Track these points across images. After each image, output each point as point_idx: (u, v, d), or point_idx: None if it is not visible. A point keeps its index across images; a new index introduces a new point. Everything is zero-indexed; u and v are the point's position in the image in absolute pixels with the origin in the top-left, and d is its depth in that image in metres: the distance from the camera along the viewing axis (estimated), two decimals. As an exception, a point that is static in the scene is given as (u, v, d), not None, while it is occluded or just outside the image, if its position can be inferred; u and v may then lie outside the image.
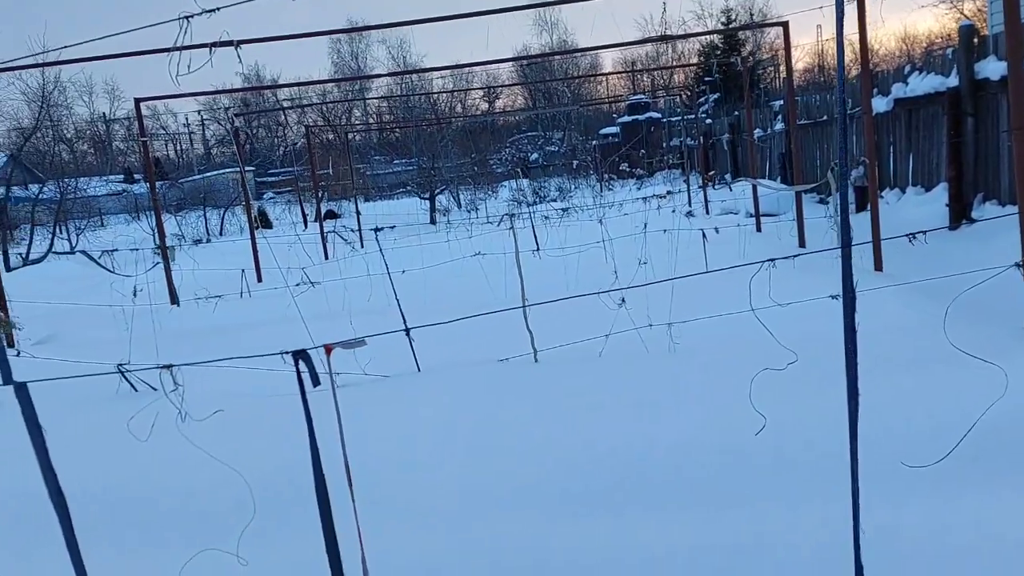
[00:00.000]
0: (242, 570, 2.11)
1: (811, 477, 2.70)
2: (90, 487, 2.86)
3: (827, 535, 2.24)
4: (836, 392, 2.71)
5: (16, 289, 9.86)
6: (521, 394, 4.52)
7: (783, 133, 15.97)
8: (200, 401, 2.84)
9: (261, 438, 3.38)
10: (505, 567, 2.49)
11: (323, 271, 10.18)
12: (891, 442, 2.80)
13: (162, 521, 2.69)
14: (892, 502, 2.38)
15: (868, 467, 2.28)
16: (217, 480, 2.39)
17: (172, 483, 2.90)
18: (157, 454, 2.73)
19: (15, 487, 2.39)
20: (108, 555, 2.28)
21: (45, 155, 25.66)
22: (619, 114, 37.87)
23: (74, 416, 3.82)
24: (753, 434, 3.14)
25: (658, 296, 5.62)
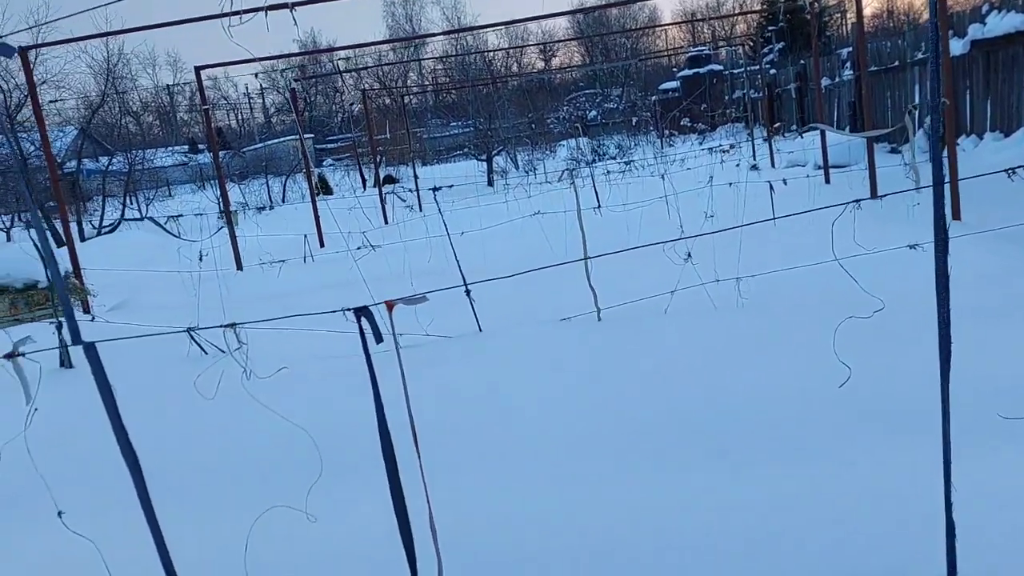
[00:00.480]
0: (311, 526, 2.12)
1: (897, 430, 2.58)
2: (161, 446, 2.91)
3: (915, 489, 2.14)
4: (920, 343, 2.58)
5: (90, 258, 10.14)
6: (584, 353, 4.46)
7: (851, 82, 15.40)
8: (265, 362, 2.84)
9: (326, 397, 3.39)
10: (571, 522, 2.45)
11: (383, 235, 10.23)
12: (981, 394, 2.67)
13: (231, 479, 2.72)
14: (985, 456, 2.27)
15: (958, 420, 2.17)
16: (283, 438, 2.40)
17: (240, 442, 2.94)
18: (224, 413, 2.76)
19: (91, 448, 2.43)
20: (180, 512, 2.31)
21: (113, 127, 26.26)
22: (679, 68, 37.06)
23: (146, 377, 3.90)
24: (824, 386, 3.03)
25: (724, 250, 5.47)
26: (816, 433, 2.76)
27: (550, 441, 3.23)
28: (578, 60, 54.16)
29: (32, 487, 2.11)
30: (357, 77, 43.52)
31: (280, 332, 3.15)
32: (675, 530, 2.37)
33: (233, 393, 2.18)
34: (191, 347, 4.51)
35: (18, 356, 1.86)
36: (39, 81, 17.43)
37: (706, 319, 4.67)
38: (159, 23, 6.88)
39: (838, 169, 12.02)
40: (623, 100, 38.38)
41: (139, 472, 1.81)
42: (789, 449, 2.70)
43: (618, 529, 2.40)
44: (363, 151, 29.75)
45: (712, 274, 4.95)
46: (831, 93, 17.55)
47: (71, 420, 3.01)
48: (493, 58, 43.32)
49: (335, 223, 11.43)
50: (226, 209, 8.73)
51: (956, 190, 6.73)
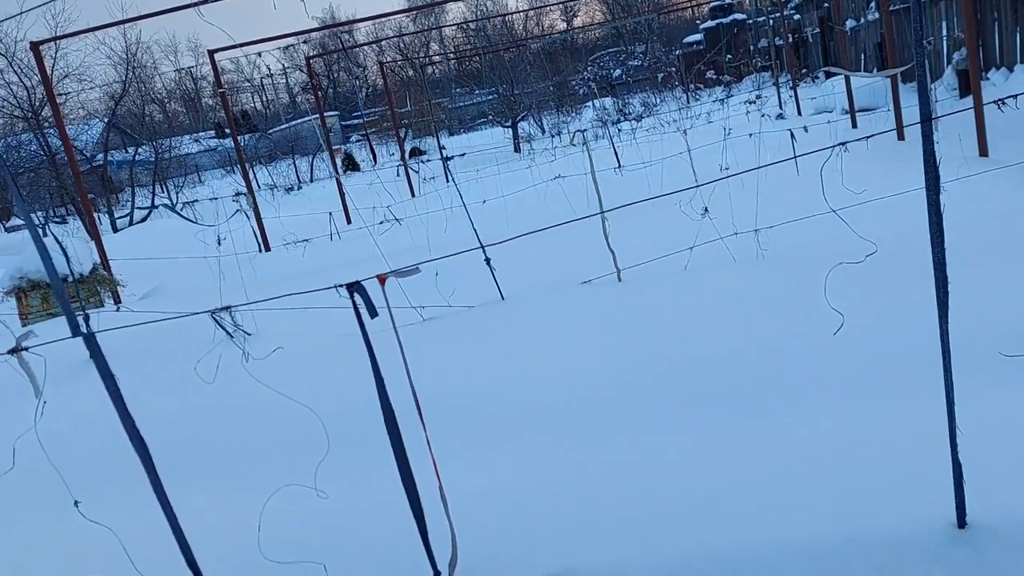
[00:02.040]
0: (323, 503, 2.15)
1: (907, 374, 2.55)
2: (176, 430, 2.97)
3: (923, 430, 2.11)
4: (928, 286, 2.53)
5: (123, 248, 10.31)
6: (606, 315, 4.44)
7: (877, 23, 15.00)
8: (271, 343, 2.89)
9: (334, 374, 3.42)
10: (594, 480, 2.46)
11: (408, 208, 10.24)
12: (991, 331, 2.61)
13: (243, 459, 2.77)
14: (989, 394, 2.23)
15: (965, 358, 2.13)
16: (293, 418, 2.42)
17: (250, 423, 2.98)
18: (235, 395, 2.80)
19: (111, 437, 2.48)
20: (195, 495, 2.36)
21: (139, 117, 26.55)
22: (702, 19, 36.36)
23: (170, 362, 3.96)
24: (841, 335, 2.99)
25: (743, 203, 5.39)
26: (831, 383, 2.73)
27: (570, 408, 3.24)
28: (600, 19, 53.37)
29: (52, 478, 2.17)
30: (379, 52, 43.42)
31: (287, 313, 3.18)
32: (695, 484, 2.37)
33: (243, 375, 2.21)
34: (216, 331, 4.57)
35: (22, 351, 1.90)
36: (61, 76, 17.68)
37: (726, 273, 4.62)
38: (171, 8, 6.91)
39: (865, 113, 11.77)
40: (647, 57, 37.81)
41: (149, 458, 1.85)
42: (801, 399, 2.68)
43: (644, 485, 2.40)
44: (388, 125, 29.72)
45: (731, 227, 4.89)
46: (856, 35, 17.12)
47: (94, 410, 3.08)
48: (514, 22, 42.86)
49: (360, 199, 11.49)
50: (250, 191, 8.81)
51: (982, 126, 6.54)
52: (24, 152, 16.54)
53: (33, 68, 15.42)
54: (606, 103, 28.14)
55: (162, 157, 20.03)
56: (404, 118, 27.49)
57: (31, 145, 16.34)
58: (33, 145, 16.31)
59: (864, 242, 4.25)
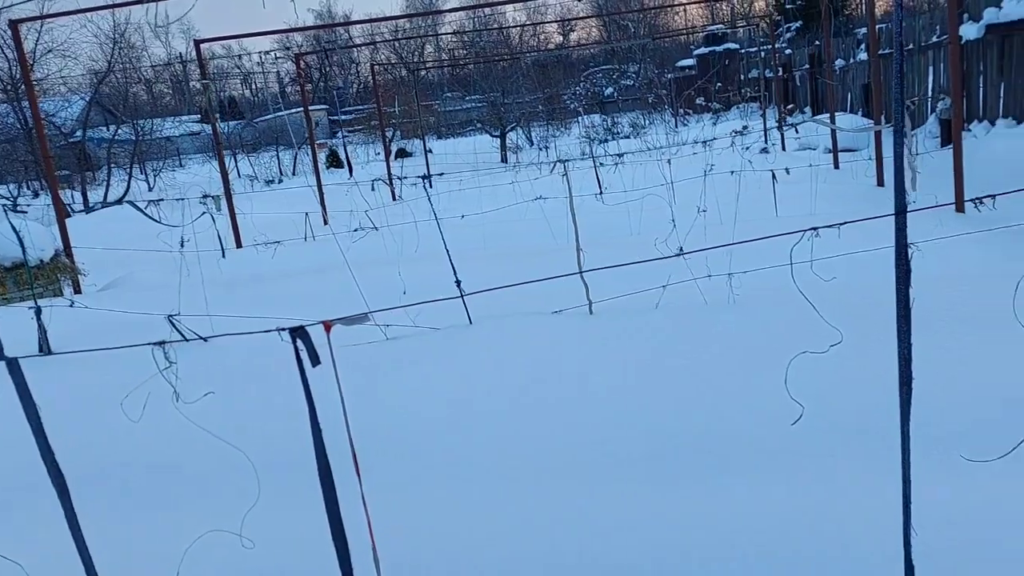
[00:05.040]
0: (247, 552, 2.05)
1: (866, 454, 2.50)
2: (98, 459, 2.85)
3: (878, 512, 2.06)
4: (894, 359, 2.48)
5: (90, 232, 10.11)
6: (575, 348, 4.38)
7: (866, 64, 15.13)
8: (201, 373, 2.79)
9: (276, 410, 3.32)
10: (541, 539, 2.38)
11: (388, 213, 10.13)
12: (953, 415, 2.57)
13: (165, 499, 2.66)
14: (950, 481, 2.18)
15: (928, 442, 2.08)
16: (220, 458, 2.33)
17: (176, 459, 2.87)
18: (162, 429, 2.70)
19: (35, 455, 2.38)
20: (114, 535, 2.26)
21: (123, 96, 26.20)
22: (696, 45, 36.57)
23: (112, 371, 3.83)
24: (804, 397, 2.94)
25: (717, 242, 5.36)
26: (786, 454, 2.67)
27: (528, 447, 3.17)
28: (595, 36, 53.60)
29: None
30: (374, 49, 43.28)
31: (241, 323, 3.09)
32: (640, 548, 2.30)
33: (175, 408, 2.11)
34: (171, 333, 4.45)
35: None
36: (44, 51, 17.39)
37: (697, 315, 4.58)
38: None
39: (848, 153, 11.84)
40: (640, 77, 37.96)
41: (66, 493, 1.75)
42: (758, 465, 2.62)
43: (593, 544, 2.33)
44: (376, 124, 29.56)
45: (704, 268, 4.85)
46: (845, 74, 17.27)
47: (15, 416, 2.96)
48: (510, 33, 42.88)
49: (341, 200, 11.37)
50: (225, 186, 8.66)
51: (961, 183, 6.57)
52: (0, 124, 16.26)
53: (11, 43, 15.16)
54: (595, 120, 28.19)
55: (143, 138, 19.75)
56: (392, 118, 27.35)
57: (8, 117, 16.05)
58: (11, 117, 16.02)
59: (836, 298, 4.23)
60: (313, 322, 1.74)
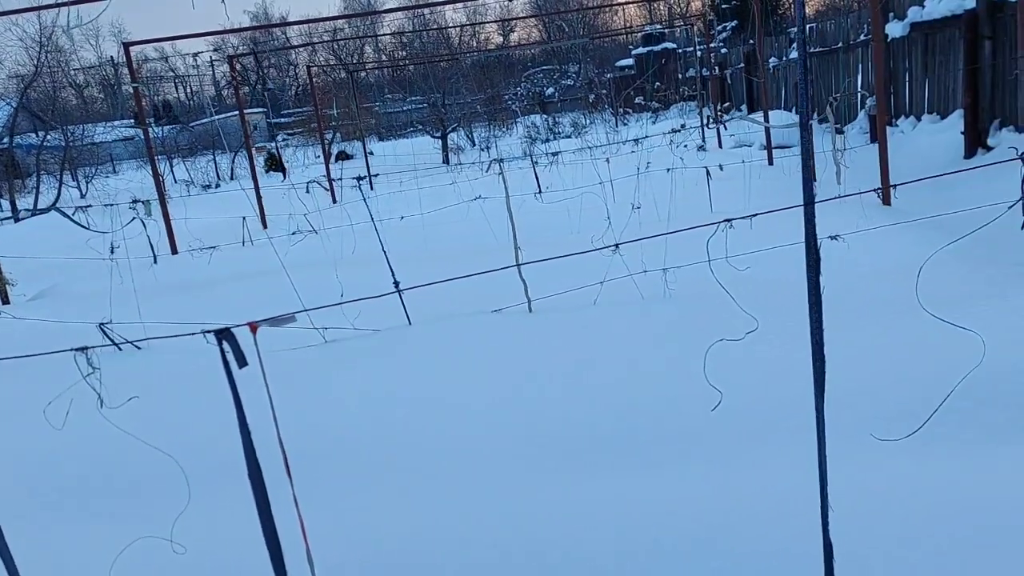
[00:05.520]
0: (178, 558, 2.03)
1: (783, 440, 2.58)
2: (21, 468, 2.80)
3: (791, 496, 2.13)
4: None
5: (19, 242, 9.84)
6: (515, 346, 4.42)
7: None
8: (133, 379, 2.76)
9: (205, 415, 3.29)
10: (481, 535, 2.40)
11: (327, 216, 10.04)
12: (867, 400, 2.67)
13: (94, 507, 2.62)
14: (862, 460, 2.27)
15: (841, 425, 2.16)
16: (148, 463, 2.31)
17: (102, 466, 2.82)
18: (88, 437, 2.66)
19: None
20: (39, 543, 2.22)
21: (51, 101, 25.45)
22: (635, 45, 36.96)
23: (45, 378, 3.75)
24: (739, 385, 3.02)
25: (653, 240, 5.46)
26: (713, 442, 2.74)
27: (470, 444, 3.19)
28: (536, 36, 53.85)
29: None
30: (312, 51, 42.76)
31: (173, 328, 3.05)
32: (573, 538, 2.34)
33: (104, 408, 2.08)
34: (103, 341, 4.37)
35: None
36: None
37: (633, 310, 4.66)
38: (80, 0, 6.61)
39: (783, 150, 12.10)
40: (579, 77, 38.23)
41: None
42: (694, 451, 2.69)
43: (533, 536, 2.36)
44: (315, 127, 29.24)
45: (640, 264, 4.93)
46: (778, 72, 17.65)
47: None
48: (450, 34, 42.81)
49: (279, 204, 11.21)
50: (159, 192, 8.50)
51: (886, 174, 6.78)
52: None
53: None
54: (536, 120, 28.32)
55: (73, 144, 19.21)
56: (332, 120, 27.10)
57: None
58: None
59: (765, 287, 4.34)
60: (238, 324, 1.73)
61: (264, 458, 1.76)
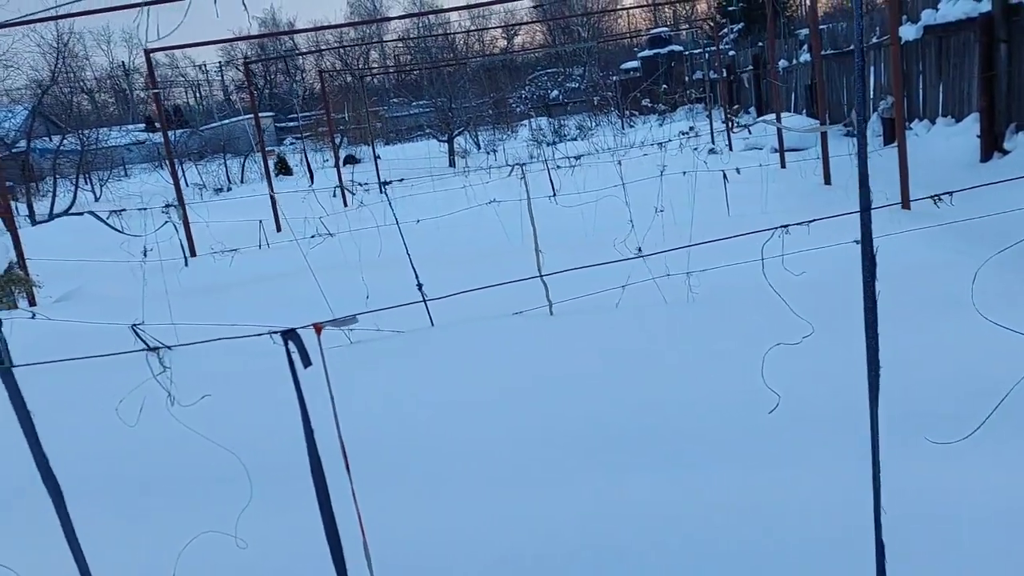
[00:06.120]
0: (241, 553, 2.08)
1: (831, 440, 2.61)
2: (89, 465, 2.85)
3: (846, 496, 2.16)
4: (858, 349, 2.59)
5: (41, 244, 9.90)
6: (534, 349, 4.45)
7: (809, 64, 15.51)
8: (194, 378, 2.79)
9: (260, 414, 3.34)
10: (513, 533, 2.44)
11: (341, 220, 10.10)
12: (920, 402, 2.70)
13: (159, 502, 2.67)
14: (916, 463, 2.30)
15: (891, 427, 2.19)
16: (213, 460, 2.35)
17: (169, 463, 2.88)
18: (153, 433, 2.71)
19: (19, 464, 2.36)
20: (108, 538, 2.27)
21: (67, 106, 25.60)
22: (640, 48, 37.00)
23: (85, 379, 3.81)
24: (769, 395, 3.05)
25: (676, 242, 5.49)
26: (752, 441, 2.77)
27: (494, 445, 3.23)
28: (540, 39, 53.93)
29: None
30: (319, 56, 42.90)
31: (208, 330, 3.10)
32: (615, 539, 2.38)
33: (168, 407, 2.13)
34: (136, 343, 4.42)
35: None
36: (-16, 60, 16.94)
37: (656, 313, 4.69)
38: (108, 7, 6.69)
39: (794, 153, 12.12)
40: (585, 80, 38.29)
41: (61, 499, 1.77)
42: (726, 456, 2.72)
43: (562, 537, 2.40)
44: (324, 130, 29.34)
45: (663, 267, 4.96)
46: (788, 75, 17.67)
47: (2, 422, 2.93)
48: (455, 38, 42.90)
49: (293, 207, 11.27)
50: (179, 197, 8.57)
51: (906, 179, 6.81)
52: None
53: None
54: (542, 123, 28.38)
55: (88, 148, 19.33)
56: (340, 125, 27.19)
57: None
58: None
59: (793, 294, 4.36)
60: (304, 325, 1.78)
61: (299, 457, 1.80)
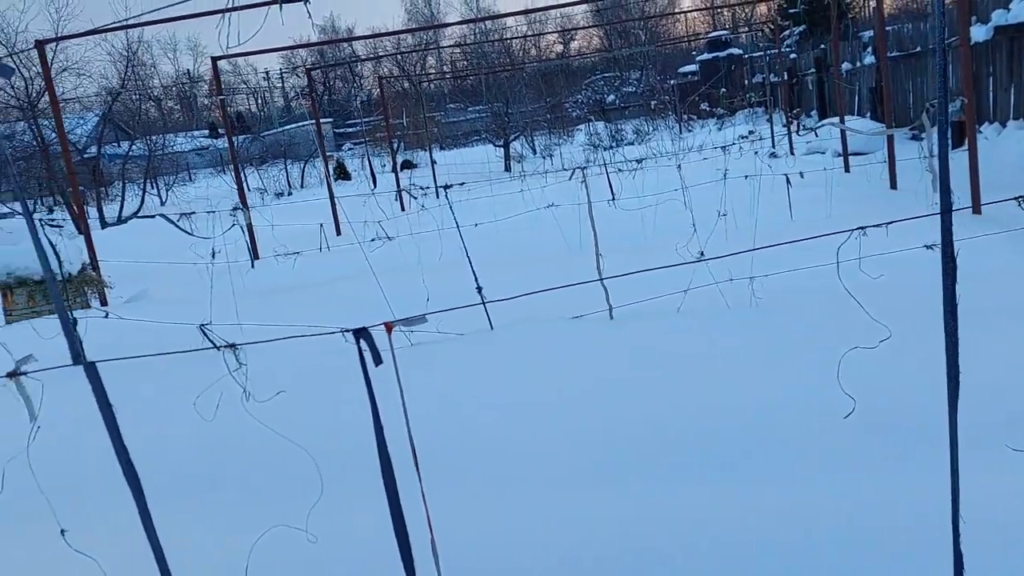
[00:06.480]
0: (311, 546, 2.12)
1: (907, 446, 2.55)
2: (164, 458, 2.93)
3: (920, 506, 2.11)
4: (930, 353, 2.53)
5: (111, 246, 10.22)
6: (594, 353, 4.43)
7: (873, 67, 15.19)
8: (266, 375, 2.87)
9: (327, 411, 3.39)
10: (575, 535, 2.44)
11: (399, 223, 10.21)
12: (989, 409, 2.62)
13: (232, 496, 2.74)
14: (996, 471, 2.24)
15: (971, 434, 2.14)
16: (285, 455, 2.40)
17: (241, 457, 2.95)
18: (225, 429, 2.77)
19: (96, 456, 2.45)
20: (183, 529, 2.33)
21: (134, 113, 26.42)
22: (698, 51, 36.68)
23: (156, 376, 3.91)
24: (834, 396, 2.99)
25: (739, 246, 5.42)
26: (825, 447, 2.72)
27: (554, 447, 3.23)
28: (596, 44, 53.83)
29: (37, 503, 2.13)
30: (376, 63, 43.45)
31: (275, 330, 3.17)
32: (680, 543, 2.36)
33: (241, 402, 2.18)
34: (204, 343, 4.53)
35: (20, 375, 1.87)
36: (60, 69, 17.57)
37: (719, 318, 4.63)
38: (176, 16, 6.88)
39: (858, 156, 11.88)
40: (642, 84, 38.08)
41: (140, 492, 1.82)
42: (796, 462, 2.68)
43: (625, 541, 2.39)
44: (381, 136, 29.72)
45: (726, 272, 4.91)
46: (852, 78, 17.33)
47: (78, 426, 3.04)
48: (511, 43, 43.08)
49: (351, 211, 11.44)
50: (242, 201, 8.78)
51: (977, 183, 6.62)
52: (16, 142, 16.43)
53: (32, 59, 15.33)
54: (598, 128, 28.29)
55: (155, 154, 19.92)
56: (397, 130, 27.51)
57: (24, 135, 16.22)
58: (27, 136, 16.19)
59: (862, 299, 4.27)
60: (375, 324, 1.80)
61: (367, 454, 1.83)
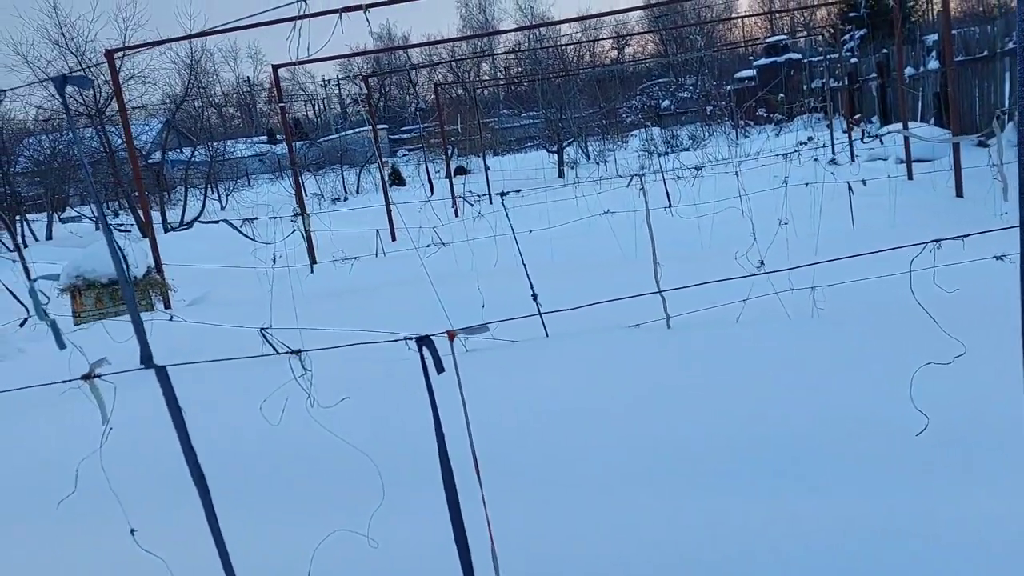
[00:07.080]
0: (372, 552, 2.14)
1: (979, 466, 2.47)
2: (229, 461, 2.98)
3: (1003, 525, 2.04)
4: (1010, 370, 2.45)
5: (173, 250, 10.48)
6: (653, 362, 4.39)
7: (938, 72, 14.82)
8: (328, 382, 2.89)
9: (388, 417, 3.42)
10: (634, 547, 2.42)
11: (454, 229, 10.27)
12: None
13: (295, 500, 2.78)
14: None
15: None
16: (347, 461, 2.43)
17: (305, 462, 2.99)
18: (289, 433, 2.82)
19: (165, 457, 2.51)
20: (247, 532, 2.36)
21: (196, 120, 27.10)
22: (755, 56, 36.23)
23: (219, 378, 3.99)
24: (900, 411, 2.92)
25: (800, 256, 5.32)
26: (892, 463, 2.65)
27: (610, 454, 3.21)
28: (651, 49, 53.55)
29: (108, 502, 2.19)
30: (431, 69, 43.86)
31: (335, 335, 3.22)
32: (740, 554, 2.32)
33: (305, 404, 2.21)
34: (264, 347, 4.61)
35: (95, 378, 1.92)
36: (127, 77, 18.11)
37: (780, 330, 4.55)
38: (239, 26, 7.04)
39: (922, 163, 11.60)
40: (697, 89, 37.77)
41: (207, 493, 1.85)
42: (861, 478, 2.61)
43: (687, 551, 2.36)
44: (435, 142, 29.97)
45: (786, 281, 4.82)
46: (915, 83, 16.93)
47: (148, 427, 3.12)
48: (565, 49, 43.08)
49: (406, 216, 11.55)
50: (301, 207, 8.94)
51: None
52: (84, 147, 16.99)
53: (100, 68, 15.82)
54: (653, 133, 28.12)
55: (216, 160, 20.40)
56: (451, 136, 27.70)
57: (92, 141, 16.76)
58: (94, 142, 16.73)
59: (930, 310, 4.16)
60: (438, 332, 1.81)
61: (428, 460, 1.83)
